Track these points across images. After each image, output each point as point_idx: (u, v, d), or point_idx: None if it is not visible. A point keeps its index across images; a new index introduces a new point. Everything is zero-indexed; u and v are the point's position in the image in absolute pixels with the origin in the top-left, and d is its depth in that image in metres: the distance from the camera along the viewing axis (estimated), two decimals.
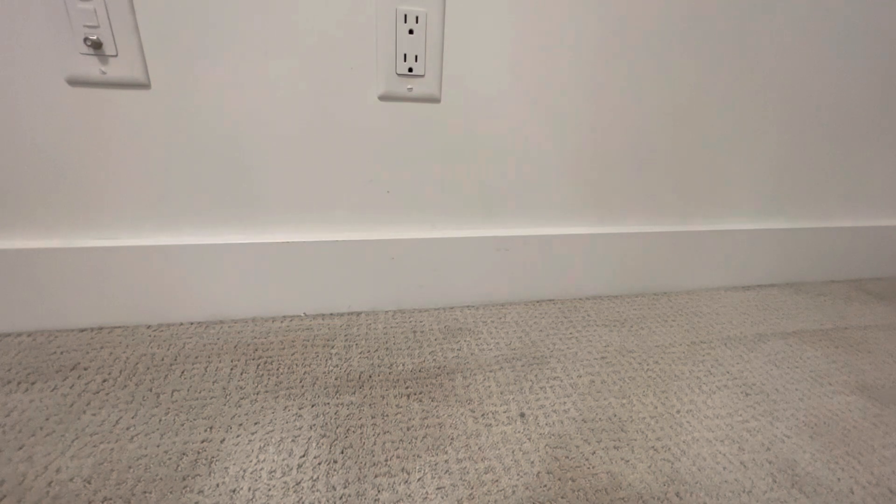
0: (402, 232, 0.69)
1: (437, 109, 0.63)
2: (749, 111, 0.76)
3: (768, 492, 0.45)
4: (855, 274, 0.97)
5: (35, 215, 0.57)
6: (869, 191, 0.91)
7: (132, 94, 0.54)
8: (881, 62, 0.78)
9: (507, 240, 0.73)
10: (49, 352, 0.57)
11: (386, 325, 0.68)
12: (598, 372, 0.61)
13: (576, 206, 0.75)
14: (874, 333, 0.76)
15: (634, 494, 0.44)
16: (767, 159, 0.81)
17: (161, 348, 0.60)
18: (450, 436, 0.49)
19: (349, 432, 0.49)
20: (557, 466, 0.46)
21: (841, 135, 0.83)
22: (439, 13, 0.58)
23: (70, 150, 0.55)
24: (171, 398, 0.52)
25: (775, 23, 0.70)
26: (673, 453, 0.49)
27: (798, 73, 0.75)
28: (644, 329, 0.72)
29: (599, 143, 0.71)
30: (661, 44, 0.67)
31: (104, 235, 0.60)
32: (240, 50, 0.55)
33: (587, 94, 0.68)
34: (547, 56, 0.64)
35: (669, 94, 0.71)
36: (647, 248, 0.80)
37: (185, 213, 0.61)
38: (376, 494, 0.42)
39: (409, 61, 0.59)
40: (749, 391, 0.59)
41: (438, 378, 0.58)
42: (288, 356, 0.60)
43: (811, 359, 0.67)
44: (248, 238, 0.64)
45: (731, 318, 0.78)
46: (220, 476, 0.43)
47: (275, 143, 0.60)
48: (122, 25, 0.51)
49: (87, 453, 0.44)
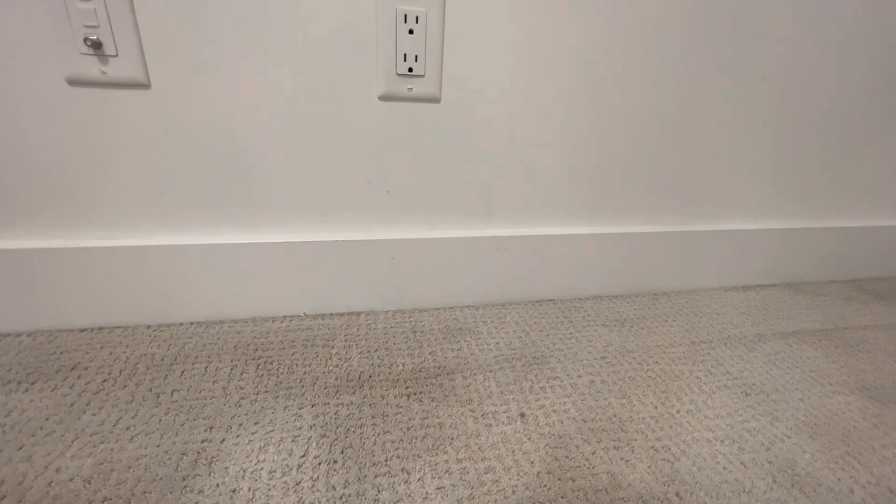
0: (402, 232, 0.69)
1: (437, 109, 0.63)
2: (749, 111, 0.76)
3: (768, 492, 0.45)
4: (854, 274, 0.97)
5: (35, 215, 0.57)
6: (868, 191, 0.91)
7: (132, 94, 0.55)
8: (881, 62, 0.79)
9: (507, 240, 0.73)
10: (49, 352, 0.57)
11: (386, 325, 0.68)
12: (598, 372, 0.61)
13: (576, 206, 0.75)
14: (874, 333, 0.76)
15: (634, 494, 0.44)
16: (767, 159, 0.81)
17: (161, 348, 0.60)
18: (450, 436, 0.49)
19: (349, 432, 0.49)
20: (557, 466, 0.46)
21: (840, 135, 0.83)
22: (439, 13, 0.58)
23: (70, 150, 0.55)
24: (171, 398, 0.52)
25: (775, 23, 0.70)
26: (673, 453, 0.49)
27: (798, 73, 0.75)
28: (644, 329, 0.72)
29: (599, 143, 0.71)
30: (660, 44, 0.67)
31: (104, 235, 0.60)
32: (240, 50, 0.55)
33: (587, 94, 0.68)
34: (547, 56, 0.64)
35: (670, 95, 0.71)
36: (647, 248, 0.80)
37: (185, 213, 0.61)
38: (376, 494, 0.42)
39: (409, 61, 0.59)
40: (749, 391, 0.59)
41: (438, 378, 0.58)
42: (288, 356, 0.60)
43: (811, 359, 0.67)
44: (248, 238, 0.64)
45: (731, 318, 0.78)
46: (220, 476, 0.43)
47: (275, 143, 0.60)
48: (122, 25, 0.51)
49: (87, 453, 0.44)
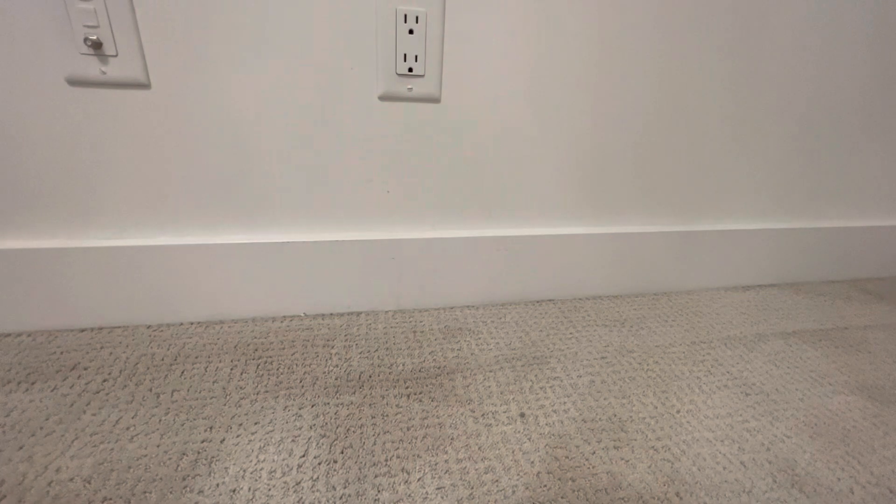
0: (402, 232, 0.69)
1: (437, 109, 0.63)
2: (749, 111, 0.76)
3: (768, 492, 0.45)
4: (854, 274, 0.97)
5: (35, 215, 0.57)
6: (868, 191, 0.91)
7: (132, 94, 0.55)
8: (880, 62, 0.79)
9: (507, 240, 0.73)
10: (49, 352, 0.57)
11: (386, 325, 0.68)
12: (598, 372, 0.61)
13: (576, 206, 0.75)
14: (874, 333, 0.76)
15: (634, 494, 0.44)
16: (767, 159, 0.81)
17: (161, 348, 0.60)
18: (450, 436, 0.49)
19: (349, 432, 0.49)
20: (557, 466, 0.46)
21: (840, 135, 0.83)
22: (439, 13, 0.58)
23: (70, 150, 0.55)
24: (171, 398, 0.52)
25: (775, 23, 0.70)
26: (673, 453, 0.49)
27: (797, 73, 0.75)
28: (644, 329, 0.72)
29: (599, 143, 0.71)
30: (660, 44, 0.67)
31: (104, 235, 0.60)
32: (240, 50, 0.55)
33: (587, 94, 0.68)
34: (547, 56, 0.64)
35: (669, 95, 0.71)
36: (647, 248, 0.80)
37: (185, 212, 0.61)
38: (376, 494, 0.42)
39: (409, 61, 0.59)
40: (749, 391, 0.59)
41: (438, 378, 0.58)
42: (288, 356, 0.60)
43: (811, 359, 0.67)
44: (248, 238, 0.64)
45: (731, 318, 0.78)
46: (220, 476, 0.43)
47: (274, 143, 0.60)
48: (122, 25, 0.51)
49: (87, 453, 0.44)
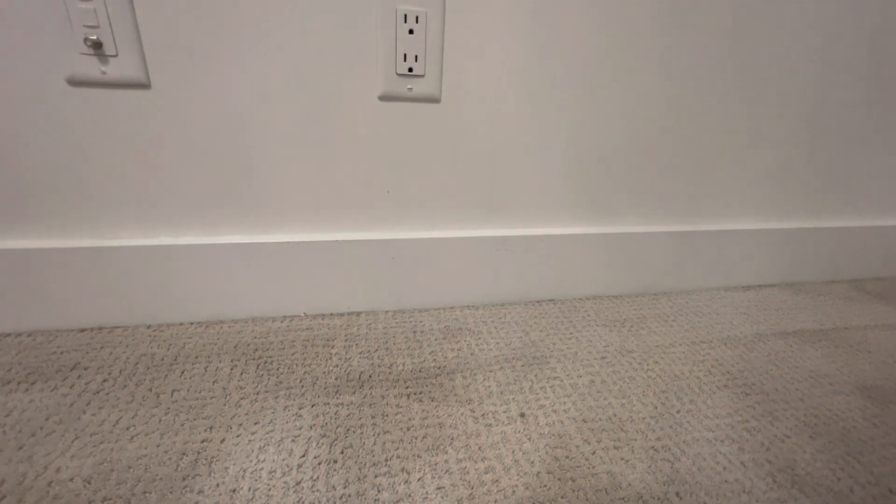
0: (402, 232, 0.69)
1: (437, 109, 0.63)
2: (749, 111, 0.76)
3: (768, 492, 0.45)
4: (855, 274, 0.97)
5: (35, 215, 0.57)
6: (868, 191, 0.91)
7: (132, 94, 0.55)
8: (880, 62, 0.79)
9: (507, 240, 0.73)
10: (49, 352, 0.57)
11: (386, 325, 0.68)
12: (598, 372, 0.61)
13: (576, 206, 0.75)
14: (874, 333, 0.76)
15: (634, 494, 0.44)
16: (767, 159, 0.81)
17: (161, 348, 0.60)
18: (450, 436, 0.49)
19: (349, 432, 0.49)
20: (557, 466, 0.46)
21: (840, 135, 0.83)
22: (439, 13, 0.58)
23: (70, 150, 0.55)
24: (171, 398, 0.52)
25: (774, 23, 0.70)
26: (673, 453, 0.49)
27: (797, 73, 0.75)
28: (644, 329, 0.72)
29: (599, 143, 0.71)
30: (659, 45, 0.67)
31: (104, 235, 0.60)
32: (240, 50, 0.55)
33: (587, 94, 0.68)
34: (546, 56, 0.64)
35: (669, 95, 0.71)
36: (647, 248, 0.80)
37: (185, 212, 0.61)
38: (376, 494, 0.42)
39: (409, 61, 0.59)
40: (749, 391, 0.59)
41: (438, 378, 0.58)
42: (288, 356, 0.60)
43: (811, 359, 0.67)
44: (248, 238, 0.64)
45: (731, 318, 0.78)
46: (220, 476, 0.43)
47: (274, 143, 0.60)
48: (122, 25, 0.51)
49: (87, 453, 0.44)
